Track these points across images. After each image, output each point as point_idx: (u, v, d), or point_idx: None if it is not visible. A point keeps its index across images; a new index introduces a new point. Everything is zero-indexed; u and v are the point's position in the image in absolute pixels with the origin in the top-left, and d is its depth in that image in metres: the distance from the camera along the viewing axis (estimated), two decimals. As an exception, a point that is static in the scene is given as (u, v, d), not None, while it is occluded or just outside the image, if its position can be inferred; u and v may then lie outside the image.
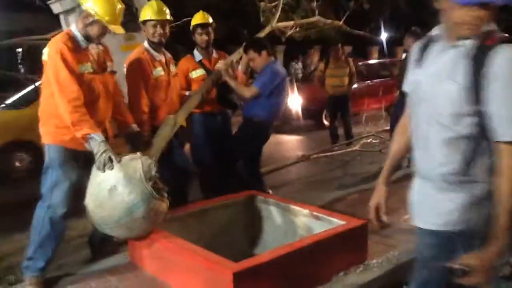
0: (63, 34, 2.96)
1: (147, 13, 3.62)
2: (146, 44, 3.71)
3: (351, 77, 7.86)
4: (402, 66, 6.29)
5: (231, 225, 3.64)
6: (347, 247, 3.10)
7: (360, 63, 11.37)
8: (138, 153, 3.03)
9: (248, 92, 4.23)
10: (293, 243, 2.97)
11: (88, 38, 2.96)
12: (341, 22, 6.16)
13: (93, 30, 2.92)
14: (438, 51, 1.72)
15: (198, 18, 4.31)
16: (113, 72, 3.23)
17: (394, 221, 4.02)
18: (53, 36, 5.49)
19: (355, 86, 8.52)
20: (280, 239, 3.46)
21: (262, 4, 5.21)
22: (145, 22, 3.64)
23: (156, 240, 3.04)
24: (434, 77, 1.69)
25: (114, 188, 2.80)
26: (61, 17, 4.15)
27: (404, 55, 6.41)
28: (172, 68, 3.86)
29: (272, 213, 3.64)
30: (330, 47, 8.16)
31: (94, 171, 2.90)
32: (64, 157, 2.91)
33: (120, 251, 3.46)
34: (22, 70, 14.29)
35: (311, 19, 5.80)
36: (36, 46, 7.27)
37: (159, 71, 3.65)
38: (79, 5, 3.00)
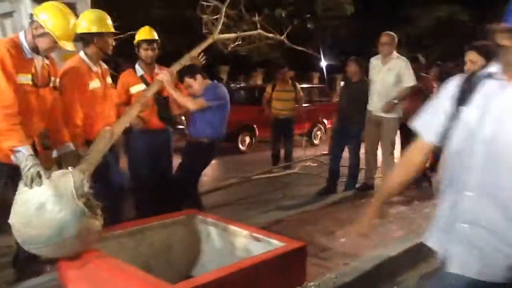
0: (8, 40, 2.84)
1: (92, 26, 3.50)
2: (82, 54, 3.57)
3: (298, 101, 7.97)
4: (342, 93, 6.52)
5: (169, 245, 3.53)
6: (286, 269, 3.09)
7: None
8: (70, 168, 2.88)
9: (193, 104, 4.14)
10: (232, 265, 2.91)
11: (35, 50, 2.84)
12: (282, 37, 6.27)
13: (42, 43, 2.83)
14: (496, 90, 1.62)
15: (144, 33, 4.24)
16: (55, 88, 3.09)
17: (331, 244, 4.10)
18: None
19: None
20: (219, 260, 3.39)
21: (205, 16, 5.21)
22: (91, 34, 3.51)
23: (88, 259, 2.87)
24: (497, 118, 1.59)
25: (43, 205, 2.62)
26: (-3, 20, 3.94)
27: (342, 83, 6.65)
28: (108, 80, 3.75)
29: (211, 233, 3.57)
30: (276, 69, 8.27)
31: (21, 187, 2.69)
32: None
33: (48, 271, 3.26)
34: None
35: (253, 32, 5.86)
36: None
37: (95, 83, 3.53)
38: (31, 15, 2.87)
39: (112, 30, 3.61)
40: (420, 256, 4.15)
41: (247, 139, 10.18)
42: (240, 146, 9.96)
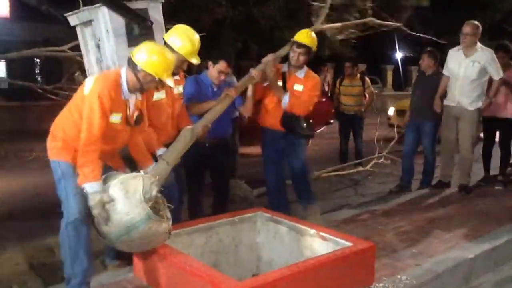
0: (112, 79, 2.92)
1: (184, 49, 3.39)
2: None
3: (369, 96, 7.72)
4: (415, 87, 6.26)
5: (238, 242, 3.62)
6: (353, 269, 3.06)
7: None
8: (141, 171, 3.02)
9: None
10: (298, 264, 2.93)
11: (132, 91, 2.97)
12: (399, 25, 5.92)
13: (149, 85, 2.99)
14: None
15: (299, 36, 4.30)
16: (140, 124, 3.19)
17: (403, 244, 3.98)
18: (70, 48, 5.64)
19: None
20: (286, 259, 3.42)
21: (314, 4, 5.09)
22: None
23: (160, 255, 3.02)
24: None
25: (113, 205, 2.79)
26: (78, 29, 4.19)
27: (416, 75, 6.38)
28: (177, 89, 3.71)
29: (279, 231, 3.60)
30: (344, 64, 8.07)
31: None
32: (74, 170, 2.91)
33: (126, 265, 3.46)
34: (39, 80, 14.54)
35: (364, 20, 5.65)
36: (53, 57, 7.40)
37: (160, 94, 3.55)
38: (131, 61, 2.93)
39: (197, 61, 3.50)
40: (500, 259, 3.93)
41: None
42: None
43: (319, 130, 8.03)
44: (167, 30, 4.27)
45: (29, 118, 11.08)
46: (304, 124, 4.28)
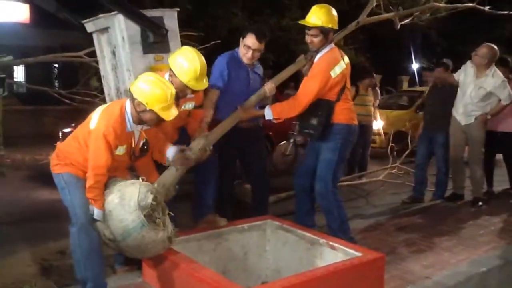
0: (117, 114, 2.91)
1: (187, 78, 3.20)
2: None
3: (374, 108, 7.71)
4: (428, 98, 6.21)
5: (247, 250, 3.62)
6: (362, 279, 3.03)
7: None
8: (140, 178, 3.03)
9: None
10: (306, 273, 2.92)
11: (137, 122, 2.98)
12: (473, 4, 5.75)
13: (146, 117, 2.93)
14: None
15: None
16: (146, 154, 3.21)
17: (413, 256, 3.94)
18: (86, 54, 5.72)
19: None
20: (295, 267, 3.41)
21: None
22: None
23: (169, 260, 3.04)
24: None
25: (110, 213, 2.83)
26: (94, 36, 4.26)
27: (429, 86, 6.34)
28: (185, 106, 3.57)
29: (288, 239, 3.60)
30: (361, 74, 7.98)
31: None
32: (77, 180, 2.96)
33: (135, 270, 3.48)
34: (56, 85, 14.75)
35: (426, 6, 5.52)
36: (70, 63, 7.52)
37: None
38: (131, 94, 2.92)
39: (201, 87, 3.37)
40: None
41: None
42: None
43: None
44: (182, 37, 4.32)
45: (46, 122, 11.28)
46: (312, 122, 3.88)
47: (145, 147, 3.14)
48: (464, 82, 5.46)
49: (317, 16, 3.73)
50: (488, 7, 6.09)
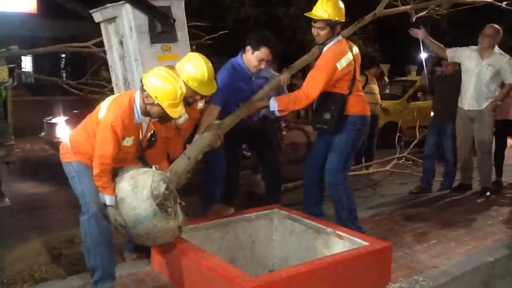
0: (126, 105, 2.93)
1: (195, 84, 3.21)
2: None
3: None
4: (436, 88, 6.17)
5: (254, 239, 3.64)
6: (369, 268, 3.05)
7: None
8: (153, 166, 3.06)
9: None
10: (313, 261, 2.94)
11: (145, 114, 3.00)
12: None
13: (152, 110, 2.95)
14: None
15: None
16: (153, 146, 3.23)
17: (421, 245, 3.95)
18: (94, 44, 5.73)
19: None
20: (302, 256, 3.43)
21: None
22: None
23: (178, 249, 3.07)
24: None
25: (122, 200, 2.85)
26: (102, 25, 4.27)
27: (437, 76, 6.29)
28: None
29: (296, 229, 3.62)
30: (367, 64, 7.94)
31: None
32: (86, 168, 2.99)
33: (144, 258, 3.52)
34: (64, 75, 14.80)
35: None
36: (78, 53, 7.54)
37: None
38: (141, 82, 2.95)
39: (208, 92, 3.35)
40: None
41: None
42: None
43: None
44: (189, 27, 4.31)
45: (54, 112, 11.34)
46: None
47: (153, 139, 3.16)
48: (469, 68, 5.41)
49: (323, 9, 3.65)
50: (505, 3, 6.03)
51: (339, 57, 3.69)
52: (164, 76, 2.91)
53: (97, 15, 4.16)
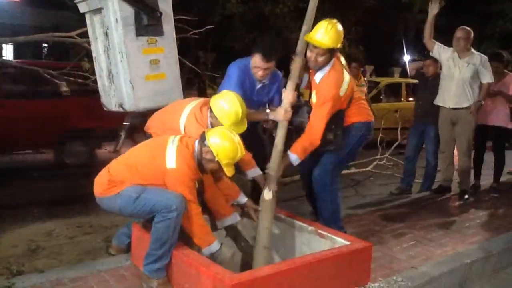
0: (189, 157, 2.99)
1: (228, 122, 3.22)
2: None
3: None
4: (418, 90, 6.24)
5: (237, 236, 3.63)
6: (350, 268, 3.07)
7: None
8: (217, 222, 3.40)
9: None
10: (294, 260, 2.95)
11: (199, 165, 3.04)
12: None
13: (208, 165, 3.01)
14: None
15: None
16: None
17: (399, 246, 3.99)
18: (78, 34, 5.64)
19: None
20: (284, 254, 3.44)
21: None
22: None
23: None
24: None
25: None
26: (87, 16, 4.21)
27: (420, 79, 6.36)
28: None
29: (278, 227, 3.62)
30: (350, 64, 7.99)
31: None
32: (142, 184, 2.99)
33: (124, 253, 3.49)
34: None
35: None
36: (61, 43, 7.42)
37: None
38: (204, 138, 3.01)
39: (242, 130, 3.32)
40: (496, 266, 3.94)
41: None
42: None
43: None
44: (176, 21, 4.28)
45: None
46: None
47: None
48: (449, 70, 5.48)
49: (327, 36, 3.38)
50: None
51: (340, 83, 3.55)
52: (227, 135, 2.98)
53: (82, 6, 4.11)
